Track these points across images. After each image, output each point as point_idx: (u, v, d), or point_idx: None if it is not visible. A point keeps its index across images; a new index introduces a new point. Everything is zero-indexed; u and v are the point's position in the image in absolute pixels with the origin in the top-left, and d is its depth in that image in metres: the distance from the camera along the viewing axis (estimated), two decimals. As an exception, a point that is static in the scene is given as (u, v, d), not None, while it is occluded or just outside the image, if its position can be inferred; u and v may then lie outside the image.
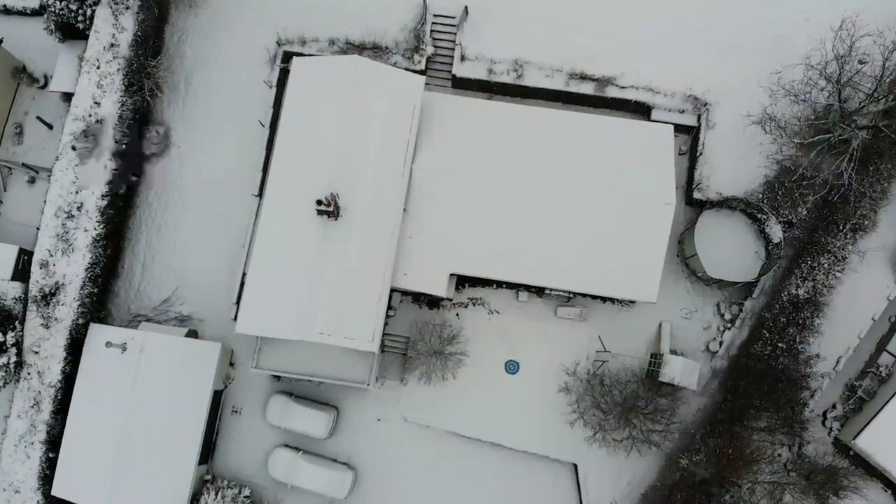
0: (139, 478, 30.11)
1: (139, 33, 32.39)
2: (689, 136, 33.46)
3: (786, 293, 30.70)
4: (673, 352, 31.60)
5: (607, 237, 29.18)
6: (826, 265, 30.71)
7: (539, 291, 32.38)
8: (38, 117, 34.97)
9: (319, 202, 26.84)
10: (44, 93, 35.56)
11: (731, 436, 29.51)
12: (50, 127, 35.08)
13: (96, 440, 30.31)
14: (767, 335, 30.23)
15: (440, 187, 29.37)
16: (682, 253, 32.77)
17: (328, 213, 27.42)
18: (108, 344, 29.89)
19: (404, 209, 29.18)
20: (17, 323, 31.00)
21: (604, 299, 32.52)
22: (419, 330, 31.29)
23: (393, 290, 31.28)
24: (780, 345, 29.99)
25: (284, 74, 32.05)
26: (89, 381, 30.76)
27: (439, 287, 29.75)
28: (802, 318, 30.18)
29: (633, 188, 29.18)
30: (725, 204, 31.72)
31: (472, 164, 29.53)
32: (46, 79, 35.58)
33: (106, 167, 31.72)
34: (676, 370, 29.69)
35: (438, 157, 29.58)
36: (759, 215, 31.37)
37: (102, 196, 31.57)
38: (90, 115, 31.97)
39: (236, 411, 32.43)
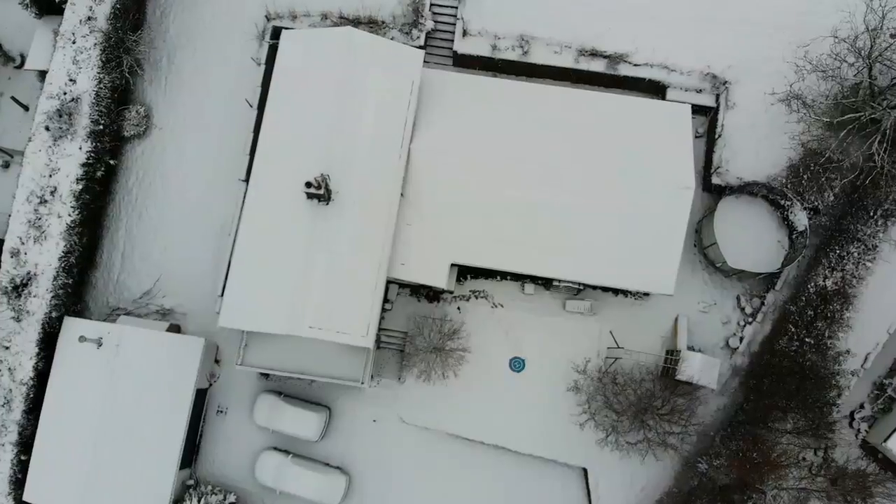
0: (116, 482, 28.25)
1: (118, 5, 30.33)
2: (707, 118, 31.48)
3: (812, 284, 28.74)
4: (690, 348, 29.69)
5: (621, 224, 27.45)
6: (856, 254, 28.75)
7: (546, 283, 30.51)
8: (12, 98, 32.97)
9: (309, 184, 24.97)
10: (20, 72, 33.61)
11: (754, 438, 27.56)
12: (26, 108, 33.13)
13: (71, 442, 28.45)
14: (794, 330, 28.23)
15: (440, 170, 27.54)
16: (700, 242, 30.82)
17: (318, 197, 25.60)
18: (82, 338, 27.89)
19: (401, 194, 27.36)
20: (-14, 316, 29.03)
21: (616, 292, 30.66)
22: (418, 324, 29.47)
23: (389, 282, 29.65)
24: (807, 340, 28.00)
25: (274, 51, 30.01)
26: (64, 379, 28.85)
27: (439, 278, 27.99)
28: (831, 312, 28.15)
29: (649, 171, 27.42)
30: (746, 189, 29.89)
31: (476, 145, 27.71)
32: (23, 58, 33.60)
33: (81, 148, 29.59)
34: (695, 368, 27.70)
35: (439, 137, 27.74)
36: (782, 201, 29.53)
37: (77, 180, 29.53)
38: (65, 93, 29.96)
39: (221, 411, 30.57)
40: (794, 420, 27.65)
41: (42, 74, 32.11)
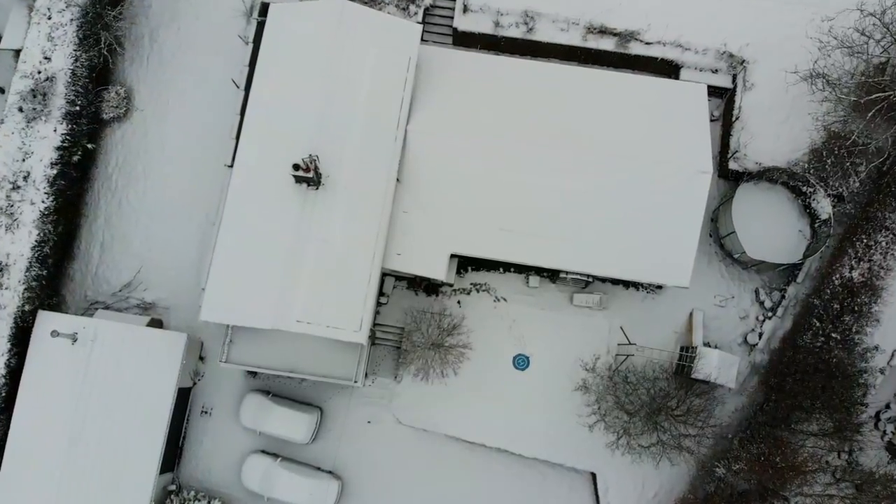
0: (93, 487, 26.52)
1: (96, -22, 28.64)
2: (723, 100, 29.73)
3: (838, 276, 27.02)
4: (706, 344, 28.02)
5: (633, 212, 25.87)
6: (884, 243, 27.04)
7: (552, 276, 28.87)
8: (-14, 79, 31.24)
9: (296, 166, 23.23)
10: (-4, 54, 31.86)
11: (776, 441, 25.76)
12: (1, 91, 31.37)
13: (45, 444, 26.71)
14: (819, 324, 26.44)
15: (440, 154, 25.93)
16: (716, 232, 29.11)
17: (307, 181, 23.91)
18: (54, 333, 26.09)
19: (397, 178, 25.71)
20: (-46, 310, 27.29)
21: (627, 285, 28.98)
22: (415, 319, 27.84)
23: (385, 274, 28.21)
24: (833, 335, 26.20)
25: (262, 29, 28.18)
26: (37, 377, 27.06)
27: (438, 270, 26.35)
28: (859, 305, 26.38)
29: (663, 155, 25.80)
30: (765, 175, 28.19)
31: (478, 127, 26.07)
32: (-1, 38, 31.85)
33: (56, 131, 27.85)
34: (712, 365, 25.98)
35: (438, 118, 26.09)
36: (804, 188, 27.84)
37: (52, 164, 27.78)
38: (39, 72, 28.23)
39: (206, 412, 28.95)
40: (822, 421, 25.84)
41: (18, 54, 30.33)
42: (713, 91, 28.93)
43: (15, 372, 27.33)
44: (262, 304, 24.10)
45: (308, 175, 23.36)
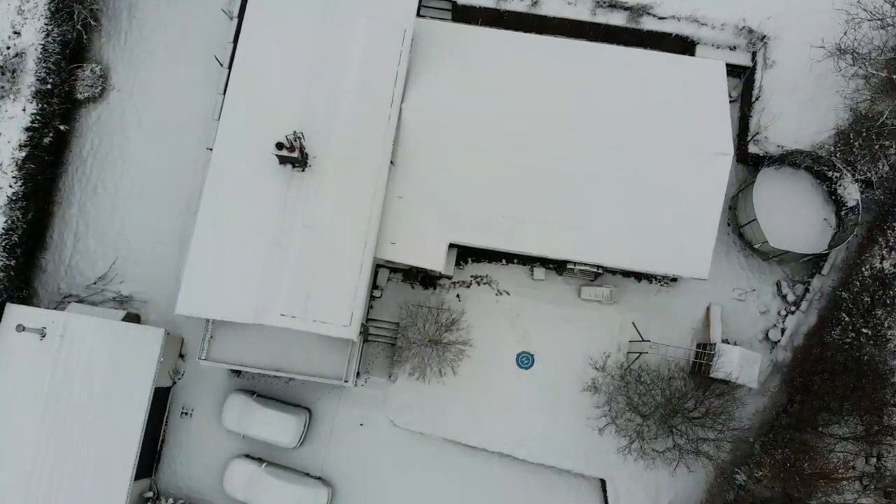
0: (62, 494, 24.88)
1: (69, -52, 26.96)
2: (741, 80, 28.10)
3: (867, 267, 25.48)
4: (724, 341, 26.40)
5: (646, 198, 24.52)
6: (917, 233, 25.26)
7: (559, 267, 27.29)
8: (-45, 59, 29.49)
9: (280, 145, 21.60)
10: (-33, 33, 30.19)
11: (801, 445, 24.07)
12: (-30, 71, 29.68)
13: (10, 447, 25.03)
14: (848, 319, 24.77)
15: (437, 134, 24.52)
16: (735, 220, 27.49)
17: (292, 161, 22.35)
18: (20, 328, 24.37)
19: (391, 161, 24.10)
20: (-85, 302, 25.71)
21: (639, 277, 27.45)
22: (411, 314, 26.40)
23: (378, 265, 26.79)
24: (864, 331, 24.54)
25: (247, 3, 26.62)
26: (3, 375, 25.36)
27: (435, 260, 25.05)
28: (891, 298, 24.79)
29: (679, 137, 24.33)
30: (788, 160, 26.69)
31: (478, 106, 24.61)
32: (-30, 17, 30.15)
33: (25, 110, 26.13)
34: (733, 363, 24.50)
35: (435, 96, 24.63)
36: (829, 173, 26.36)
37: (21, 146, 26.12)
38: (8, 48, 26.57)
39: (186, 413, 27.43)
40: (853, 424, 24.14)
41: (-13, 31, 28.73)
42: (731, 70, 27.66)
43: (-19, 370, 25.66)
44: (243, 297, 22.70)
45: (293, 155, 21.77)
